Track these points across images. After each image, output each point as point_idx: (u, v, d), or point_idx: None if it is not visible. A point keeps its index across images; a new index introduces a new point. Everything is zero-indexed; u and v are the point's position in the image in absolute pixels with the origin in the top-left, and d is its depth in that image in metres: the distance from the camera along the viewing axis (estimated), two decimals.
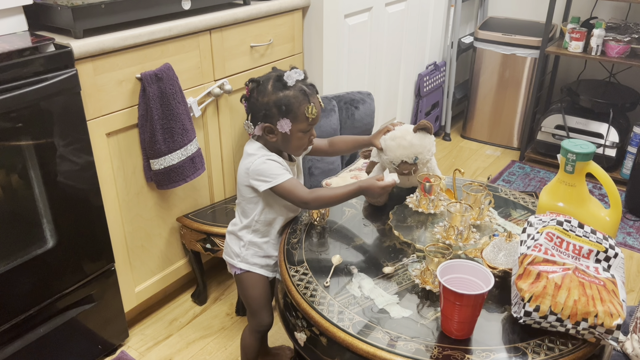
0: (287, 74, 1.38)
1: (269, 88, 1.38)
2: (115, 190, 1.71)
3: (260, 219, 1.46)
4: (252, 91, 1.41)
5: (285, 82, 1.37)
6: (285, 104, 1.36)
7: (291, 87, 1.37)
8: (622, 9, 3.13)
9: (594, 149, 1.34)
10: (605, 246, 1.16)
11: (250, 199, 1.45)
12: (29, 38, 1.45)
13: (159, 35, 1.66)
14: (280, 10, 2.06)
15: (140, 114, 1.68)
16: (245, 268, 1.50)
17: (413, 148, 1.44)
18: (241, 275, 1.51)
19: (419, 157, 1.45)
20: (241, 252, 1.49)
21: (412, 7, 2.81)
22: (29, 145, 1.42)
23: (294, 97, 1.37)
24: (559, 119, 3.02)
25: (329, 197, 1.39)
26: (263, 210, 1.45)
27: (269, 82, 1.39)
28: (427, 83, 3.11)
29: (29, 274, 1.51)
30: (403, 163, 1.46)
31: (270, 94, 1.37)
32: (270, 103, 1.37)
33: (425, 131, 1.46)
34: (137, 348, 1.88)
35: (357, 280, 1.30)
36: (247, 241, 1.48)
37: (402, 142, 1.45)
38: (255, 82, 1.41)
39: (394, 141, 1.46)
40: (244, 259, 1.49)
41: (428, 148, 1.46)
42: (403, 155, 1.45)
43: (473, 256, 1.34)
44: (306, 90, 1.38)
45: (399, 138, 1.45)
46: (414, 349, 1.10)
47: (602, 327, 1.07)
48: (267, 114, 1.38)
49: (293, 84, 1.37)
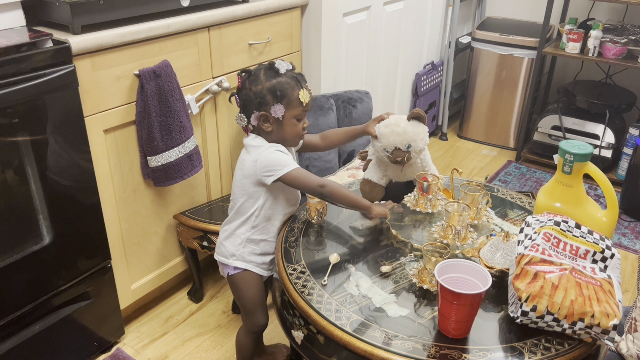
0: (277, 62, 1.42)
1: (261, 76, 1.41)
2: (112, 187, 1.70)
3: (260, 214, 1.47)
4: (244, 82, 1.43)
5: (277, 69, 1.41)
6: (279, 89, 1.39)
7: (283, 74, 1.41)
8: (619, 11, 3.14)
9: (592, 150, 1.34)
10: (602, 247, 1.16)
11: (252, 192, 1.44)
12: (27, 33, 1.45)
13: (157, 32, 1.66)
14: (278, 8, 2.06)
15: (138, 110, 1.68)
16: (241, 266, 1.49)
17: (406, 135, 1.45)
18: (235, 276, 1.51)
19: (412, 145, 1.46)
20: (237, 250, 1.49)
21: (410, 7, 2.81)
22: (25, 141, 1.42)
23: (287, 82, 1.40)
24: (556, 120, 3.02)
25: (340, 197, 1.42)
26: (264, 205, 1.46)
27: (261, 71, 1.42)
28: (425, 82, 3.12)
29: (24, 270, 1.50)
30: (396, 150, 1.47)
31: (263, 82, 1.40)
32: (264, 90, 1.40)
33: (418, 120, 1.48)
34: (133, 345, 1.88)
35: (355, 279, 1.30)
36: (245, 238, 1.48)
37: (396, 129, 1.46)
38: (247, 72, 1.44)
39: (387, 128, 1.48)
40: (240, 257, 1.49)
41: (421, 136, 1.47)
42: (396, 142, 1.46)
43: (470, 256, 1.35)
44: (297, 77, 1.43)
45: (393, 125, 1.47)
46: (411, 347, 1.10)
47: (598, 327, 1.07)
48: (262, 101, 1.40)
49: (284, 71, 1.41)
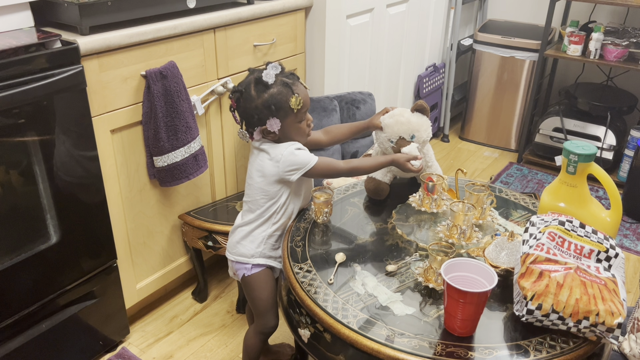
0: (264, 73, 1.38)
1: (252, 93, 1.39)
2: (118, 187, 1.71)
3: (283, 212, 1.49)
4: (237, 101, 1.42)
5: (266, 82, 1.38)
6: (272, 103, 1.37)
7: (273, 85, 1.38)
8: (620, 13, 3.16)
9: (596, 150, 1.36)
10: (606, 246, 1.18)
11: (274, 192, 1.46)
12: (36, 34, 1.46)
13: (164, 33, 1.67)
14: (283, 10, 2.07)
15: (145, 111, 1.69)
16: (263, 263, 1.51)
17: (410, 124, 1.51)
18: (251, 277, 1.51)
19: (416, 135, 1.52)
20: (258, 248, 1.50)
21: (412, 9, 2.83)
22: (34, 141, 1.43)
23: (279, 93, 1.38)
24: (557, 122, 3.04)
25: (365, 168, 1.49)
26: (285, 202, 1.48)
27: (250, 87, 1.40)
28: (427, 84, 3.13)
29: (32, 269, 1.51)
30: (401, 139, 1.52)
31: (255, 99, 1.39)
32: (259, 107, 1.38)
33: (422, 112, 1.55)
34: (138, 345, 1.89)
35: (361, 278, 1.31)
36: (266, 236, 1.50)
37: (400, 119, 1.52)
38: (238, 91, 1.41)
39: (392, 118, 1.54)
40: (262, 254, 1.50)
41: (425, 127, 1.53)
42: (401, 131, 1.52)
43: (475, 255, 1.36)
44: (287, 81, 1.39)
45: (397, 115, 1.53)
46: (418, 345, 1.11)
47: (603, 326, 1.08)
48: (260, 117, 1.40)
49: (273, 80, 1.38)
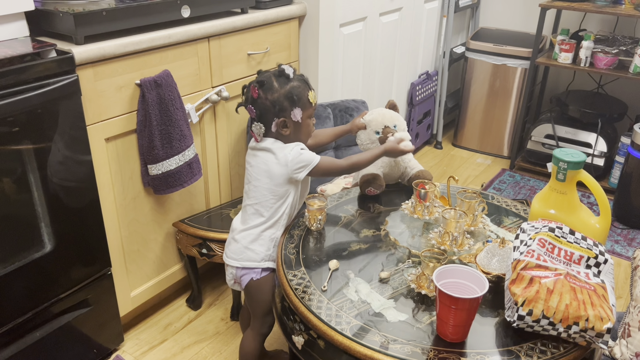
0: (285, 67, 1.48)
1: (275, 85, 1.46)
2: (112, 195, 1.72)
3: (291, 212, 1.54)
4: (259, 92, 1.46)
5: (288, 74, 1.47)
6: (295, 93, 1.45)
7: (292, 79, 1.46)
8: (610, 22, 3.20)
9: (585, 158, 1.38)
10: (596, 252, 1.19)
11: (282, 193, 1.49)
12: (31, 44, 1.47)
13: (158, 42, 1.68)
14: (277, 19, 2.09)
15: (139, 119, 1.70)
16: (272, 266, 1.53)
17: (391, 114, 1.74)
18: (260, 280, 1.53)
19: (397, 124, 1.72)
20: (268, 251, 1.52)
21: (405, 17, 2.85)
22: (28, 149, 1.43)
23: (299, 86, 1.47)
24: (549, 129, 3.07)
25: (362, 162, 1.57)
26: (293, 201, 1.52)
27: (272, 80, 1.46)
28: (420, 92, 3.15)
29: (26, 277, 1.51)
30: (386, 127, 1.71)
31: (278, 89, 1.45)
32: (281, 97, 1.45)
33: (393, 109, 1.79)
34: (132, 352, 1.89)
35: (354, 285, 1.32)
36: (275, 237, 1.53)
37: (381, 112, 1.74)
38: (259, 82, 1.47)
39: (373, 114, 1.74)
40: (270, 257, 1.53)
41: (401, 119, 1.76)
42: (385, 120, 1.72)
43: (467, 261, 1.37)
44: (304, 78, 1.51)
45: (376, 112, 1.75)
46: (410, 351, 1.12)
47: (592, 331, 1.10)
48: (281, 107, 1.45)
49: (292, 75, 1.48)
